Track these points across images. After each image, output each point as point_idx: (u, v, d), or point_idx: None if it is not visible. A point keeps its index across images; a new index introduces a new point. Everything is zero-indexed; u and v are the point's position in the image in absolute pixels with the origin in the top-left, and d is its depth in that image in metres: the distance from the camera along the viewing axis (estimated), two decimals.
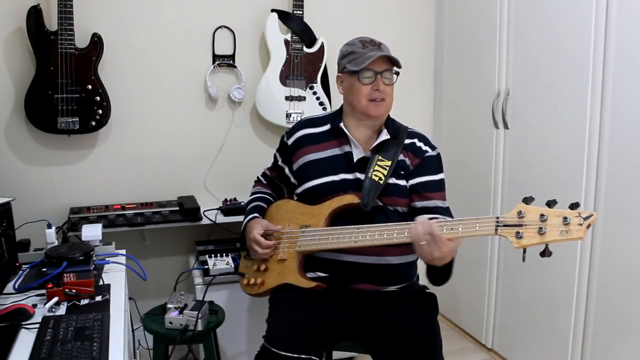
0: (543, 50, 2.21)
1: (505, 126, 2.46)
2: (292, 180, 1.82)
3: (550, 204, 1.34)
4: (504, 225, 1.37)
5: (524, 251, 1.37)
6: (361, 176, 1.68)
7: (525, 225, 1.35)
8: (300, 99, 2.65)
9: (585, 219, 1.30)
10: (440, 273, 1.58)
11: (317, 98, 2.67)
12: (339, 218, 1.69)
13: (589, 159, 2.03)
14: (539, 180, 2.27)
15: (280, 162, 1.86)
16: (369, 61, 1.61)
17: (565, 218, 1.31)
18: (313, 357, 1.57)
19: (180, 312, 1.94)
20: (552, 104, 2.18)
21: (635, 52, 1.83)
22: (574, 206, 1.32)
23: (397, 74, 1.68)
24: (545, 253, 1.34)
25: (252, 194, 1.97)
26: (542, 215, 1.33)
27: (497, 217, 1.39)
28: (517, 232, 1.35)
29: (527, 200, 1.36)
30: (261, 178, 2.00)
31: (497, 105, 2.48)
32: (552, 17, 2.15)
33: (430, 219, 1.47)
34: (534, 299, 2.34)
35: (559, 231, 1.31)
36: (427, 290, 1.78)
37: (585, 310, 2.09)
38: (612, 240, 1.97)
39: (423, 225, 1.43)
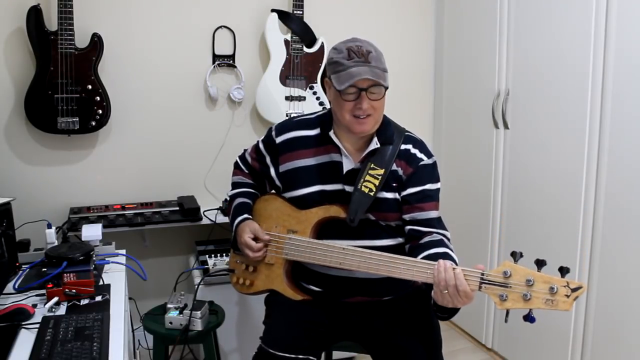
0: (543, 50, 2.21)
1: (505, 126, 2.46)
2: (277, 183, 1.73)
3: (540, 264, 1.29)
4: (489, 283, 1.33)
5: (507, 313, 1.33)
6: (349, 188, 1.60)
7: (510, 286, 1.30)
8: (300, 99, 2.65)
9: (574, 290, 1.25)
10: (449, 309, 1.49)
11: (317, 98, 2.67)
12: (327, 227, 1.64)
13: (589, 159, 2.03)
14: (539, 181, 2.27)
15: (267, 160, 1.76)
16: (349, 83, 1.47)
17: (552, 287, 1.26)
18: (310, 357, 1.56)
19: (180, 312, 1.94)
20: (552, 104, 2.18)
21: (635, 52, 1.83)
22: (563, 271, 1.27)
23: (386, 87, 1.52)
24: (528, 318, 1.30)
25: (236, 184, 1.87)
26: (528, 280, 1.28)
27: (482, 273, 1.34)
28: (501, 295, 1.30)
29: (515, 257, 1.31)
30: (242, 165, 1.88)
31: (497, 105, 2.48)
32: (552, 17, 2.15)
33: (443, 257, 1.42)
34: None
35: (544, 300, 1.27)
36: (425, 289, 1.76)
37: (585, 310, 2.09)
38: (612, 240, 1.97)
39: (447, 274, 1.35)
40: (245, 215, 1.76)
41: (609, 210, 1.98)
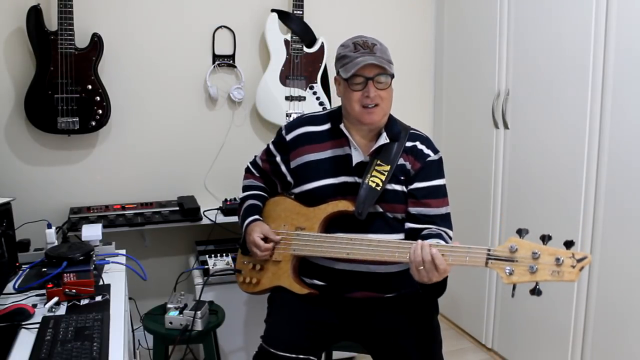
0: (543, 50, 2.21)
1: (505, 126, 2.46)
2: (289, 178, 1.77)
3: (544, 239, 1.31)
4: (495, 259, 1.35)
5: (514, 287, 1.34)
6: (360, 180, 1.64)
7: (517, 261, 1.32)
8: (300, 99, 2.65)
9: (579, 261, 1.27)
10: (434, 288, 1.54)
11: (317, 98, 2.67)
12: (335, 222, 1.66)
13: (589, 159, 2.03)
14: (539, 180, 2.27)
15: (277, 159, 1.79)
16: (356, 69, 1.53)
17: (558, 258, 1.28)
18: (311, 357, 1.57)
19: (180, 312, 1.94)
20: (552, 104, 2.18)
21: (635, 52, 1.83)
22: (568, 244, 1.29)
23: (393, 76, 1.59)
24: (535, 291, 1.31)
25: (247, 187, 1.90)
26: (534, 253, 1.30)
27: (489, 249, 1.36)
28: (508, 269, 1.33)
29: (521, 233, 1.33)
30: (252, 169, 1.91)
31: (497, 105, 2.48)
32: (552, 17, 2.15)
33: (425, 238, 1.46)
34: (534, 299, 2.33)
35: (550, 271, 1.29)
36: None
37: (585, 309, 2.09)
38: (612, 240, 1.97)
39: (424, 251, 1.40)
40: (256, 217, 1.79)
41: (608, 210, 1.98)
